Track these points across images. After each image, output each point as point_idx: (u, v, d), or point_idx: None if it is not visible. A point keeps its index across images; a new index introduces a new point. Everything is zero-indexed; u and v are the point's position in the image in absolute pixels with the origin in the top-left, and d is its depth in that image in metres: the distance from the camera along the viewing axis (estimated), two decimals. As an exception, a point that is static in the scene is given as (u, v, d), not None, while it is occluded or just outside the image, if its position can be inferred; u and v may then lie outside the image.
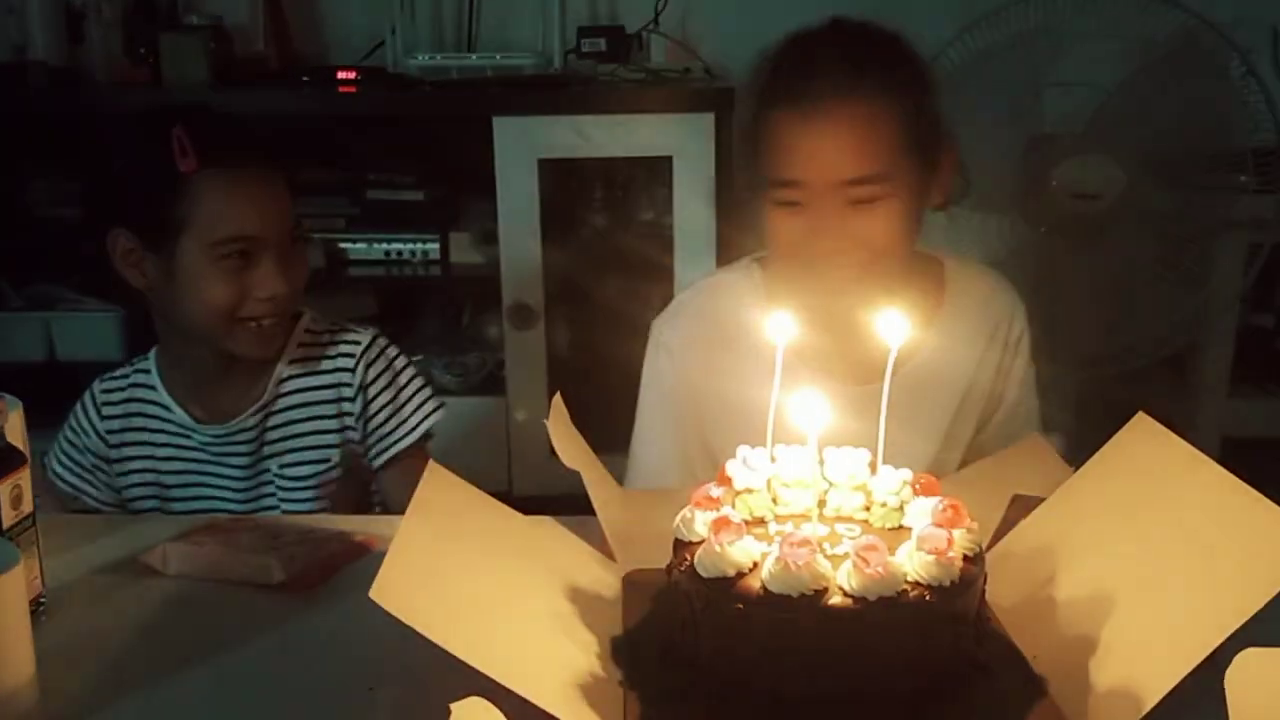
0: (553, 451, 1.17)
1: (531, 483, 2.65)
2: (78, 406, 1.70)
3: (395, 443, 1.66)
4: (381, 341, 1.69)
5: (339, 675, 1.02)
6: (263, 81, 2.86)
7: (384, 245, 2.80)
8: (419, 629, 0.84)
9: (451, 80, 2.77)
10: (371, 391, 1.65)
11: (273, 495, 1.65)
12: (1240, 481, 0.96)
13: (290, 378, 1.64)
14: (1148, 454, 1.08)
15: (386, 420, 1.66)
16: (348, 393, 1.64)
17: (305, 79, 2.86)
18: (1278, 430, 2.97)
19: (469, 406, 2.78)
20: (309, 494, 1.65)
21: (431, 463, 1.11)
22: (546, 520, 1.24)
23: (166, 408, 1.65)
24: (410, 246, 2.83)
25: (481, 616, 0.94)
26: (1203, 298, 2.61)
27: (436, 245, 2.83)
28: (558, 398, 1.26)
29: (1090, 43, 2.44)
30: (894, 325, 1.03)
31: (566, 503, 1.22)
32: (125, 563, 1.22)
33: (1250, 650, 0.80)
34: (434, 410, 1.70)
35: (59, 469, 1.71)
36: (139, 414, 1.67)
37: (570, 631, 1.00)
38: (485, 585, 0.99)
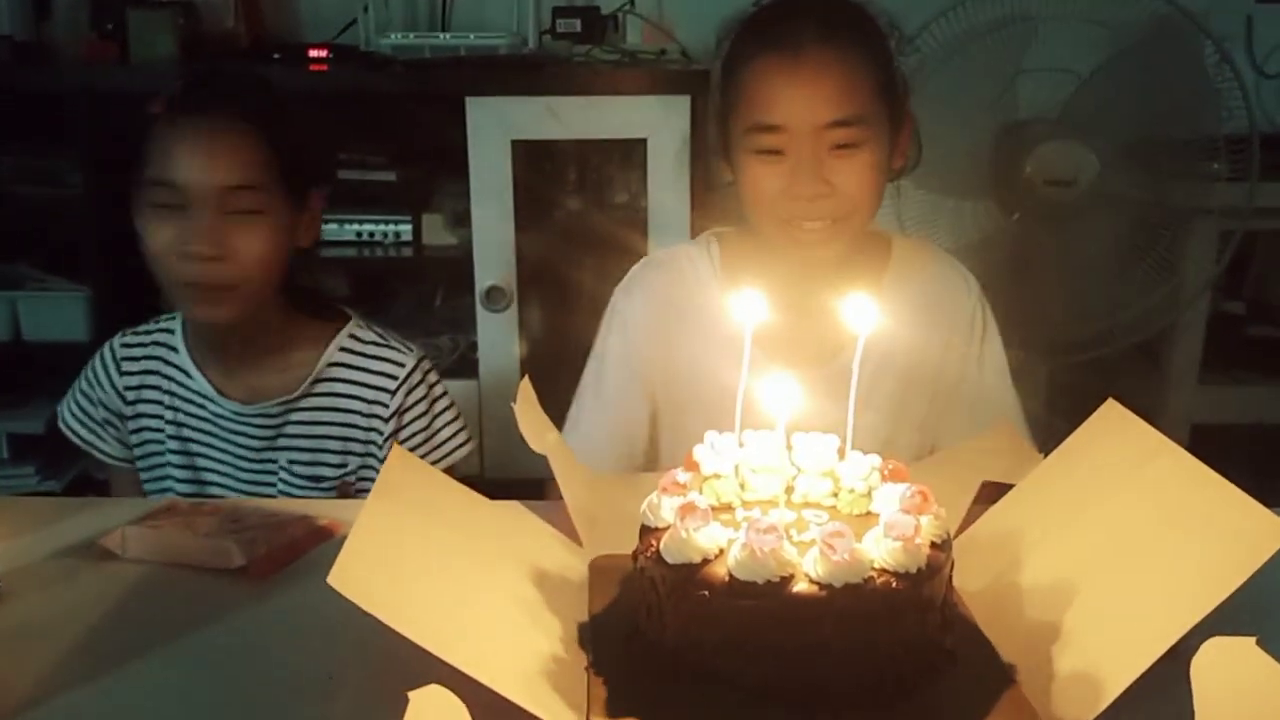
0: (524, 435, 1.17)
1: (503, 466, 2.63)
2: (95, 359, 1.70)
3: None
4: (425, 366, 1.68)
5: (299, 661, 1.01)
6: (232, 59, 2.82)
7: (355, 226, 2.77)
8: (377, 615, 0.83)
9: (425, 60, 2.74)
10: (407, 418, 1.64)
11: (273, 486, 1.65)
12: (1209, 469, 0.96)
13: (326, 379, 1.63)
14: (1117, 441, 1.08)
15: (416, 447, 1.65)
16: (382, 412, 1.63)
17: (276, 57, 2.82)
18: (1247, 417, 2.99)
19: (441, 389, 2.76)
20: (314, 495, 1.64)
21: (396, 447, 1.10)
22: (513, 505, 1.23)
23: (186, 373, 1.64)
24: (382, 227, 2.80)
25: (443, 602, 0.92)
26: (1174, 285, 2.62)
27: (409, 226, 2.81)
28: (525, 381, 1.24)
29: (1064, 29, 2.44)
30: (862, 311, 1.02)
31: (539, 487, 1.20)
32: (83, 546, 1.19)
33: (1216, 639, 0.80)
34: (463, 444, 1.70)
35: (71, 421, 1.71)
36: (157, 373, 1.66)
37: (535, 617, 0.99)
38: (448, 571, 0.98)
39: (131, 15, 2.69)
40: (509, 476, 1.24)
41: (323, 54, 2.80)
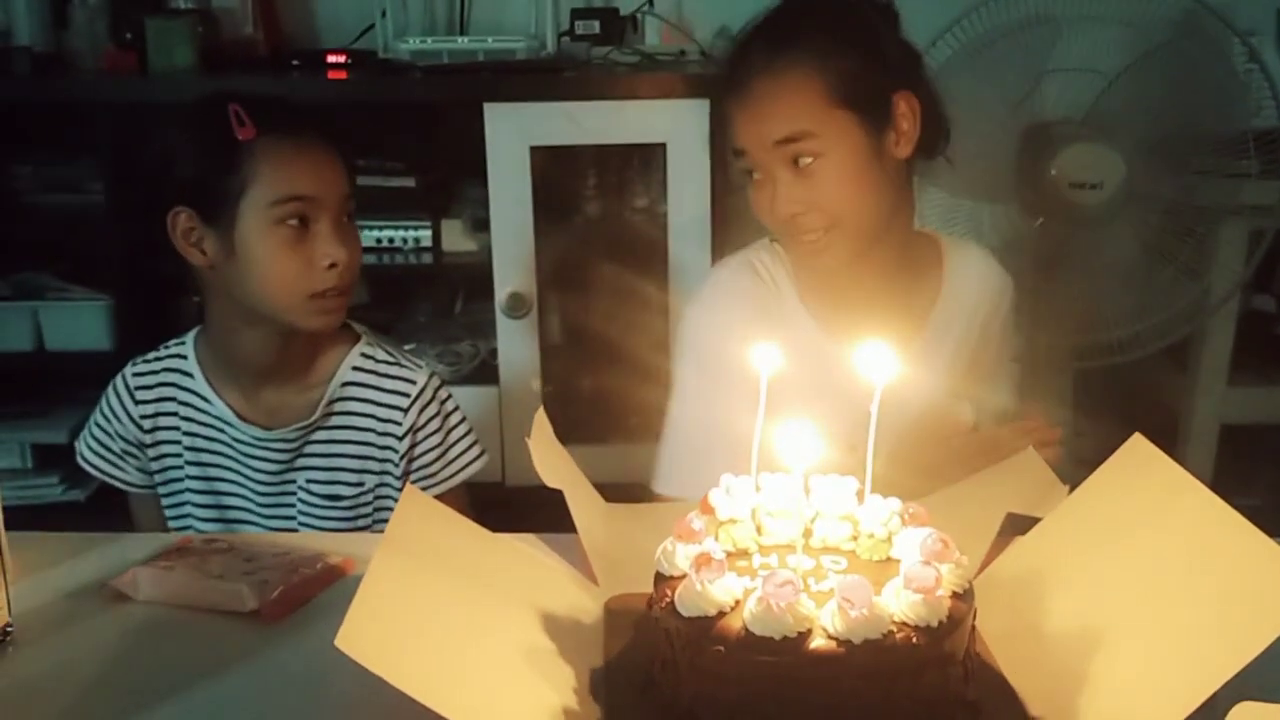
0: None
1: (525, 473, 2.60)
2: (109, 391, 1.69)
3: (434, 485, 1.66)
4: (435, 382, 1.68)
5: (311, 708, 1.00)
6: (251, 66, 2.82)
7: (375, 232, 2.76)
8: (385, 677, 0.82)
9: (443, 65, 2.72)
10: (420, 435, 1.65)
11: (293, 506, 1.65)
12: (1238, 515, 0.93)
13: (341, 399, 1.63)
14: (1143, 479, 1.05)
15: (431, 464, 1.66)
16: (396, 430, 1.63)
17: (295, 63, 2.81)
18: (1277, 417, 2.94)
19: (461, 395, 2.72)
20: (334, 514, 1.64)
21: (408, 488, 1.08)
22: (528, 539, 1.22)
23: (205, 398, 1.64)
24: (402, 234, 2.79)
25: (455, 658, 0.91)
26: (1203, 288, 2.58)
27: (428, 232, 2.80)
28: (540, 414, 1.23)
29: (1090, 29, 2.39)
30: (880, 359, 1.00)
31: (560, 494, 1.18)
32: (95, 587, 1.19)
33: (1245, 704, 0.78)
34: (476, 458, 1.71)
35: (88, 454, 1.71)
36: (172, 399, 1.66)
37: (547, 667, 0.97)
38: (458, 622, 0.96)
39: (150, 24, 2.68)
40: (530, 483, 1.24)
41: (341, 60, 2.80)
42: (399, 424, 1.63)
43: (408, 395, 1.64)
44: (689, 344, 1.65)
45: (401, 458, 1.64)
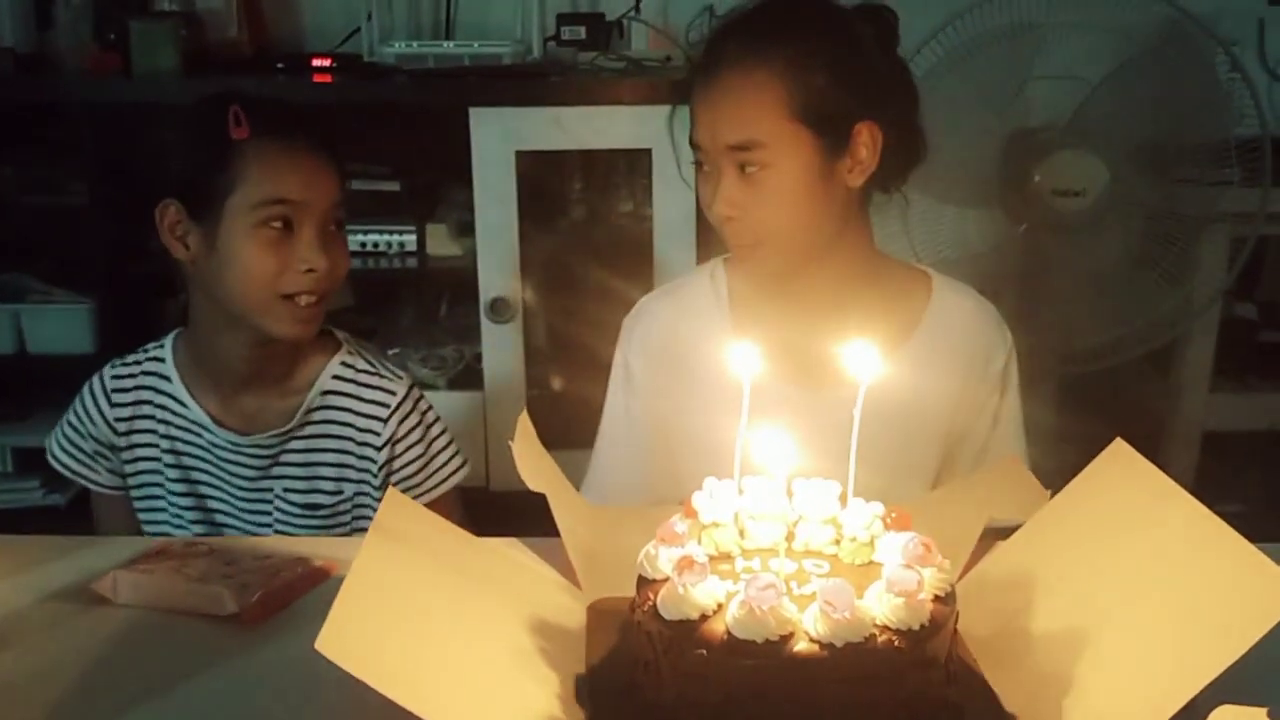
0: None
1: (508, 478, 2.60)
2: (84, 391, 1.68)
3: (420, 495, 1.64)
4: (415, 393, 1.67)
5: (291, 712, 0.99)
6: (236, 69, 2.81)
7: (360, 236, 2.75)
8: (366, 680, 0.81)
9: (428, 69, 2.72)
10: (400, 447, 1.63)
11: (270, 514, 1.64)
12: (1219, 519, 0.93)
13: (320, 408, 1.62)
14: (1125, 484, 1.05)
15: (414, 474, 1.65)
16: (375, 441, 1.62)
17: (279, 66, 2.80)
18: (1259, 424, 2.96)
19: (446, 400, 2.75)
20: (312, 522, 1.63)
21: (390, 490, 1.08)
22: (510, 543, 1.22)
23: (181, 402, 1.62)
24: (387, 238, 2.79)
25: (437, 662, 0.91)
26: (1185, 294, 2.59)
27: (413, 236, 2.80)
28: (523, 417, 1.23)
29: (1073, 36, 2.40)
30: (863, 357, 1.00)
31: (543, 500, 1.18)
32: (74, 590, 1.18)
33: (1226, 708, 0.78)
34: (460, 467, 1.69)
35: (59, 453, 1.69)
36: (149, 402, 1.65)
37: (531, 670, 0.97)
38: (441, 626, 0.96)
39: (134, 26, 2.67)
40: (514, 488, 1.24)
41: (326, 63, 2.79)
42: (378, 434, 1.62)
43: (387, 406, 1.62)
44: (611, 385, 1.64)
45: (380, 468, 1.62)
